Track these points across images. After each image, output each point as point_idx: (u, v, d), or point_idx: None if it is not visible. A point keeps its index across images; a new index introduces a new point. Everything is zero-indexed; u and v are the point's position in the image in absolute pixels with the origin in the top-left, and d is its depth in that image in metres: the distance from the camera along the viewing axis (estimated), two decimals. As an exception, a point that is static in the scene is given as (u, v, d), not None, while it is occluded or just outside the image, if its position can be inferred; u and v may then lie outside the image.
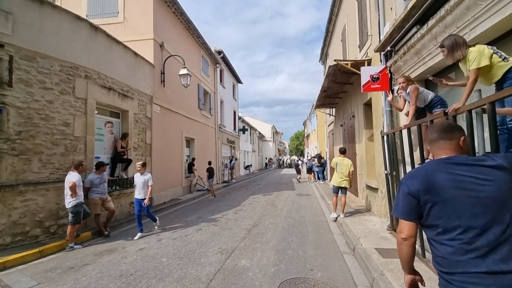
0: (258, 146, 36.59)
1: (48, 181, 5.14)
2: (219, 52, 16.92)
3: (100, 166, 5.74)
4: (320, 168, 15.90)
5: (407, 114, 3.76)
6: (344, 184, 6.44)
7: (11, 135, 4.65)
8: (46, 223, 5.11)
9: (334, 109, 12.76)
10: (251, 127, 30.68)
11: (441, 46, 2.64)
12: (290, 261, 4.01)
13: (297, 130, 69.12)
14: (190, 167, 11.88)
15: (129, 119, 7.54)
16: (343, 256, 4.23)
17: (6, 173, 4.56)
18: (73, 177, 4.91)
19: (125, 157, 7.18)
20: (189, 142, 12.60)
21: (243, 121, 26.55)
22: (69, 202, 4.86)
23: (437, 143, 1.44)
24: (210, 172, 11.01)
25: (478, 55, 2.24)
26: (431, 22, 3.33)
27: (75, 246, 4.86)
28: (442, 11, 3.07)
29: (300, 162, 20.71)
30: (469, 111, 2.30)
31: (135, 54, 7.92)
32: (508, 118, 2.09)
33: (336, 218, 6.37)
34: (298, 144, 66.70)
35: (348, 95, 9.25)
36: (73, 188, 4.79)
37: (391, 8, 5.01)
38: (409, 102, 3.72)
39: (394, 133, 4.29)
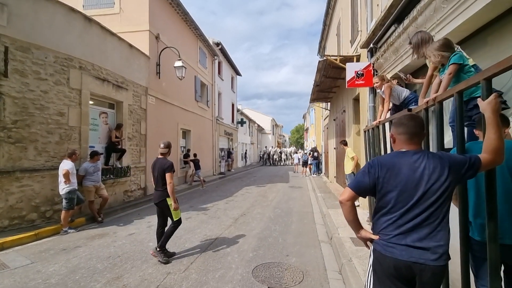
0: (257, 138, 36.76)
1: (43, 168, 5.37)
2: (218, 44, 16.92)
3: (94, 155, 5.96)
4: (314, 162, 16.10)
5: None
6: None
7: (7, 123, 4.84)
8: (42, 208, 5.36)
9: (329, 103, 12.86)
10: (250, 120, 30.78)
11: (410, 43, 2.78)
12: (268, 247, 4.25)
13: (299, 123, 69.14)
14: (186, 158, 12.07)
15: (123, 110, 7.71)
16: (320, 244, 4.46)
17: (3, 160, 4.78)
18: (66, 165, 5.13)
19: (119, 147, 7.38)
20: (185, 133, 12.79)
21: (242, 113, 26.64)
22: (62, 188, 5.09)
23: (414, 137, 1.54)
24: (196, 163, 11.32)
25: None
26: (406, 21, 3.45)
27: (69, 230, 5.12)
28: (414, 12, 3.20)
29: (298, 155, 20.83)
30: (426, 110, 2.46)
31: (130, 45, 8.04)
32: (449, 119, 2.26)
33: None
34: (299, 138, 66.87)
35: (340, 90, 9.36)
36: (66, 175, 5.02)
37: (378, 5, 5.09)
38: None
39: (373, 128, 4.45)
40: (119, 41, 7.58)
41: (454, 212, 1.85)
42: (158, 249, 3.73)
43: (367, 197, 5.83)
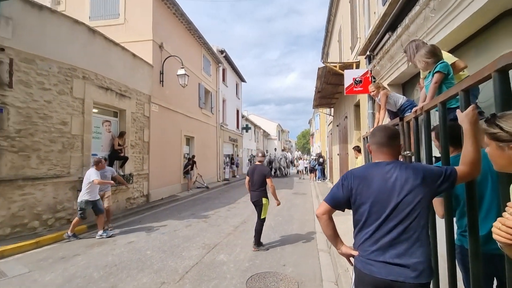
0: (263, 144, 36.75)
1: (45, 176, 5.47)
2: (222, 52, 17.13)
3: (99, 162, 5.93)
4: (319, 167, 16.00)
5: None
6: None
7: (11, 133, 4.97)
8: (43, 216, 5.45)
9: (332, 109, 12.82)
10: (255, 126, 30.86)
11: (404, 51, 2.78)
12: (265, 257, 4.20)
13: (305, 128, 69.00)
14: (188, 165, 11.95)
15: (126, 118, 7.84)
16: (319, 253, 4.39)
17: (6, 168, 4.89)
18: (94, 175, 5.17)
19: (122, 154, 7.49)
20: (188, 140, 12.89)
21: (247, 119, 26.76)
22: (79, 197, 5.18)
23: (383, 147, 1.54)
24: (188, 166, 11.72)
25: None
26: (399, 29, 3.44)
27: (71, 237, 5.14)
28: (406, 20, 3.19)
29: (302, 162, 20.69)
30: (415, 118, 2.43)
31: (133, 55, 8.21)
32: None
33: None
34: (305, 143, 66.71)
35: (342, 96, 9.32)
36: (98, 183, 5.16)
37: (375, 12, 5.10)
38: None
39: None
40: (122, 51, 7.75)
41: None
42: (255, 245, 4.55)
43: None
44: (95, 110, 6.85)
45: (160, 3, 9.91)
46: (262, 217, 4.59)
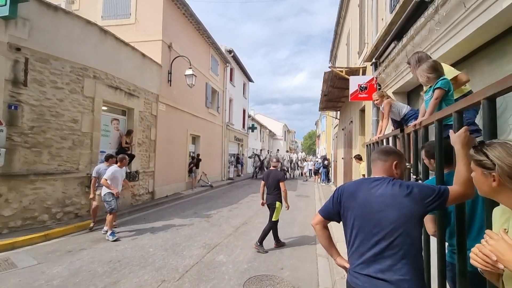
0: (269, 144, 36.78)
1: (56, 172, 5.66)
2: (230, 51, 17.22)
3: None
4: (324, 170, 15.97)
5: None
6: None
7: (25, 129, 5.16)
8: (53, 209, 5.64)
9: (338, 112, 12.78)
10: (262, 125, 30.92)
11: (408, 62, 2.80)
12: (264, 259, 4.28)
13: (312, 129, 68.70)
14: (191, 163, 12.07)
15: (134, 117, 8.01)
16: (317, 258, 4.44)
17: (19, 163, 5.09)
18: (110, 172, 5.20)
19: (129, 152, 7.65)
20: (194, 139, 13.04)
21: (253, 119, 26.83)
22: (102, 192, 5.26)
23: (374, 162, 1.63)
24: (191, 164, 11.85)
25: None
26: (404, 39, 3.45)
27: (108, 233, 5.05)
28: (412, 30, 3.20)
29: (306, 163, 20.67)
30: (415, 132, 2.46)
31: (143, 55, 8.37)
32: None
33: None
34: (311, 144, 66.46)
35: (348, 100, 9.29)
36: (105, 183, 5.16)
37: (382, 19, 5.09)
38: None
39: (373, 144, 4.42)
40: (132, 51, 7.91)
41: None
42: (275, 243, 4.87)
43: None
44: (104, 109, 7.03)
45: (170, 4, 10.06)
46: (273, 219, 4.80)
